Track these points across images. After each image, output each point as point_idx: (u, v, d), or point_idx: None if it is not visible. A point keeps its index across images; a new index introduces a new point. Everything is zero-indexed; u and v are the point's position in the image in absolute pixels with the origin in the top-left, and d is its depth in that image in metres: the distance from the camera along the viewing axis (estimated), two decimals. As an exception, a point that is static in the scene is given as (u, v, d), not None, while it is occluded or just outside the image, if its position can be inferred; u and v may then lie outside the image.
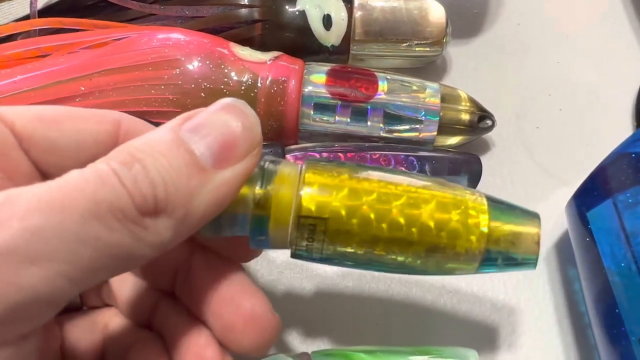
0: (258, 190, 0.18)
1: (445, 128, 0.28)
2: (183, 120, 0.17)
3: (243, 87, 0.27)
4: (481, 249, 0.19)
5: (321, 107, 0.27)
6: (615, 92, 0.34)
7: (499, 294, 0.27)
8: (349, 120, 0.28)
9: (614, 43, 0.36)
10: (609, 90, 0.34)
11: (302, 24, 0.30)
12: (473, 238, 0.19)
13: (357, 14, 0.31)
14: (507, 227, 0.20)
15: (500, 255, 0.20)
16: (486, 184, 0.29)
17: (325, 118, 0.28)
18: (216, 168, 0.16)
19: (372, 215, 0.19)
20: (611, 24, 0.37)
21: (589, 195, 0.25)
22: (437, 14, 0.31)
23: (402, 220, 0.19)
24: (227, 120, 0.17)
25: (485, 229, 0.19)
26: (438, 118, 0.28)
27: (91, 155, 0.17)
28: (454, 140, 0.29)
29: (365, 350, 0.23)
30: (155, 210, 0.15)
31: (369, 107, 0.27)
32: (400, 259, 0.19)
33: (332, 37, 0.31)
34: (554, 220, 0.29)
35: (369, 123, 0.28)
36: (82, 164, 0.17)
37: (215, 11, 0.30)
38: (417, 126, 0.28)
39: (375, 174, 0.19)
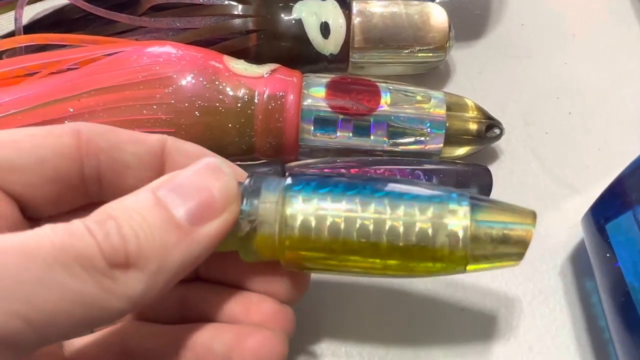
0: (240, 231, 0.19)
1: (452, 139, 0.27)
2: (163, 181, 0.18)
3: (239, 104, 0.25)
4: (465, 254, 0.19)
5: (321, 122, 0.26)
6: (625, 93, 0.33)
7: (514, 310, 0.26)
8: (351, 134, 0.26)
9: (623, 41, 0.35)
10: (618, 90, 0.33)
11: (298, 33, 0.29)
12: (456, 243, 0.19)
13: (356, 20, 0.29)
14: (493, 229, 0.19)
15: (486, 257, 0.20)
16: (496, 195, 0.27)
17: (326, 133, 0.26)
18: (193, 225, 0.17)
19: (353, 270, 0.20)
20: (619, 22, 0.36)
21: (608, 207, 0.24)
22: (439, 18, 0.29)
23: (383, 256, 0.19)
24: (203, 178, 0.18)
25: (462, 234, 0.19)
26: (444, 130, 0.26)
27: (54, 168, 0.18)
28: (461, 150, 0.28)
29: None
30: (126, 263, 0.15)
31: (371, 121, 0.26)
32: (389, 272, 0.20)
33: (330, 45, 0.29)
34: (568, 230, 0.28)
35: (372, 137, 0.26)
36: (47, 179, 0.18)
37: (208, 22, 0.29)
38: (423, 139, 0.27)
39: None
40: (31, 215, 0.19)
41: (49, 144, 0.18)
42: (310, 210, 0.19)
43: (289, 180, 0.20)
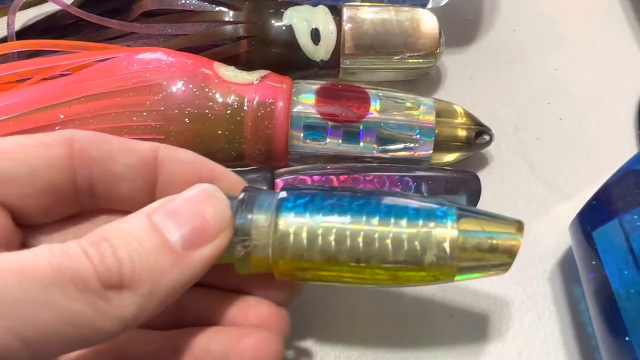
0: (235, 254, 0.19)
1: (441, 145, 0.27)
2: (158, 206, 0.18)
3: (229, 111, 0.25)
4: (454, 265, 0.19)
5: (311, 129, 0.26)
6: (616, 98, 0.33)
7: (502, 316, 0.26)
8: (340, 141, 0.26)
9: (614, 47, 0.35)
10: (609, 96, 0.33)
11: (289, 39, 0.29)
12: (445, 254, 0.19)
13: (347, 26, 0.29)
14: (481, 239, 0.20)
15: (474, 267, 0.20)
16: (486, 201, 0.28)
17: (315, 140, 0.26)
18: (186, 250, 0.17)
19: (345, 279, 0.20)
20: (610, 27, 0.36)
21: (595, 214, 0.24)
22: (429, 25, 0.30)
23: (373, 273, 0.20)
24: (198, 204, 0.18)
25: (448, 248, 0.19)
26: (433, 137, 0.27)
27: (47, 179, 0.19)
28: (450, 157, 0.28)
29: None
30: (120, 285, 0.16)
31: (361, 128, 0.26)
32: (379, 284, 0.20)
33: (321, 52, 0.29)
34: (557, 236, 0.28)
35: (361, 144, 0.26)
36: (40, 189, 0.18)
37: (199, 28, 0.29)
38: (412, 145, 0.27)
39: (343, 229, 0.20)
40: (23, 223, 0.19)
41: (42, 155, 0.19)
42: (302, 230, 0.19)
43: (282, 195, 0.20)
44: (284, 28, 0.29)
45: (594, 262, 0.23)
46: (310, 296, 0.26)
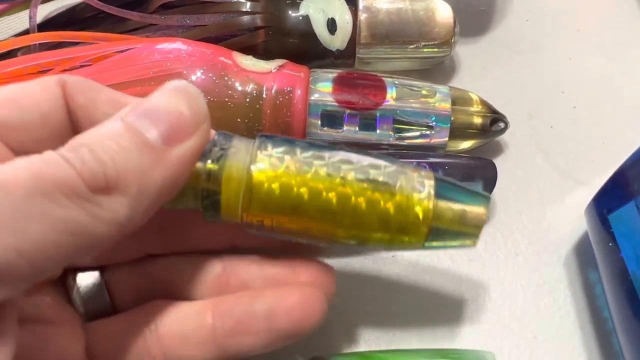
0: (209, 164, 0.19)
1: (457, 132, 0.28)
2: (132, 108, 0.17)
3: (248, 99, 0.26)
4: (427, 224, 0.20)
5: (328, 117, 0.27)
6: (630, 87, 0.33)
7: (518, 300, 0.27)
8: (357, 129, 0.27)
9: (628, 35, 0.35)
10: (623, 84, 0.33)
11: (306, 29, 0.29)
12: (419, 213, 0.20)
13: (362, 16, 0.30)
14: (453, 205, 0.20)
15: (445, 232, 0.20)
16: (500, 188, 0.28)
17: (333, 127, 0.27)
18: (167, 146, 0.17)
19: (321, 192, 0.19)
20: (624, 16, 0.36)
21: (611, 198, 0.24)
22: (444, 14, 0.30)
23: (349, 192, 0.19)
24: (171, 100, 0.18)
25: (430, 206, 0.20)
26: (449, 124, 0.27)
27: (56, 121, 0.18)
28: (466, 144, 0.28)
29: (383, 351, 0.24)
30: (107, 187, 0.16)
31: (377, 115, 0.27)
32: (352, 232, 0.20)
33: (337, 41, 0.30)
34: (572, 222, 0.28)
35: (378, 131, 0.27)
36: (51, 133, 0.18)
37: (217, 19, 0.29)
38: (428, 132, 0.27)
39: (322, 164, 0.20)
40: None
41: (47, 98, 0.18)
42: (278, 154, 0.20)
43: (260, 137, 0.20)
44: (300, 18, 0.29)
45: (610, 245, 0.23)
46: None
